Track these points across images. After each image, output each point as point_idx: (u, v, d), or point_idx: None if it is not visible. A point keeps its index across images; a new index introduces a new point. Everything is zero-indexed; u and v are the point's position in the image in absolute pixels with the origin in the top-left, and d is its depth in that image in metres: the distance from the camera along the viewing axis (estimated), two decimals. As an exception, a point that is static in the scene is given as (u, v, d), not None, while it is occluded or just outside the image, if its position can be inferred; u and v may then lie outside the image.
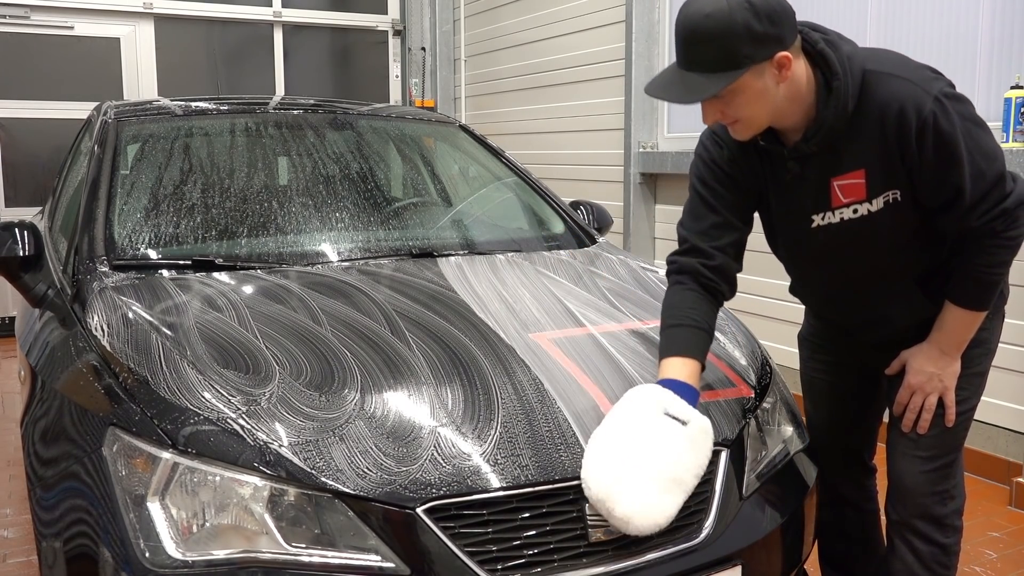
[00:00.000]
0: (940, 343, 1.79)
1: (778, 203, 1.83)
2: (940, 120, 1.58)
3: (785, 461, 1.97)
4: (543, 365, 1.83)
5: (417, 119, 3.38)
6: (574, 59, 5.76)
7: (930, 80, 1.61)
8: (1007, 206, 1.63)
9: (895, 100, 1.60)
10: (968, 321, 1.75)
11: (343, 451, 1.55)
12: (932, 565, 1.87)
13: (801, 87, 1.64)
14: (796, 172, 1.74)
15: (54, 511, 1.68)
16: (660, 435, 1.61)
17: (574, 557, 1.56)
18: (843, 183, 1.70)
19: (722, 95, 1.60)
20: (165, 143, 2.79)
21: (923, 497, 1.85)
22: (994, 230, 1.65)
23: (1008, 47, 3.38)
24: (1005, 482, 3.37)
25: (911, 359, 1.83)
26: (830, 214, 1.74)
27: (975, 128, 1.62)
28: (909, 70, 1.63)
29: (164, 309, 1.97)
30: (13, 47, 6.11)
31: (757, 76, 1.58)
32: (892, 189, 1.68)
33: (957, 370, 1.80)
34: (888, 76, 1.62)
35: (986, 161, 1.62)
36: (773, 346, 4.19)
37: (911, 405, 1.83)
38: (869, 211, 1.71)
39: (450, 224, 2.99)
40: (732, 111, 1.63)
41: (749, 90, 1.59)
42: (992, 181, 1.62)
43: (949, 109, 1.59)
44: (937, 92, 1.59)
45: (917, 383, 1.81)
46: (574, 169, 5.83)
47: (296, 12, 7.02)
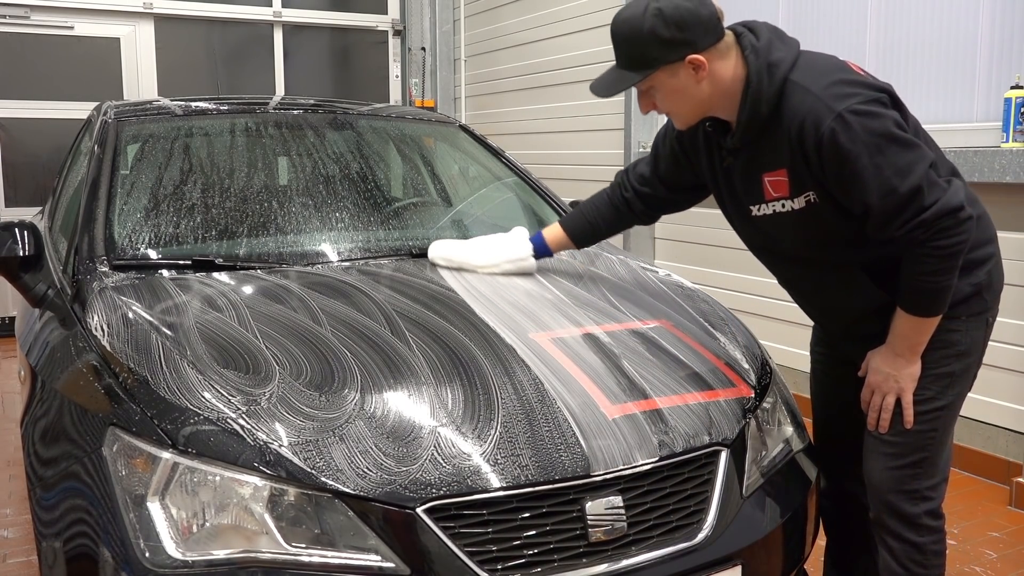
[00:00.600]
0: (894, 346, 1.81)
1: (723, 185, 1.94)
2: (839, 136, 1.63)
3: (785, 461, 1.97)
4: (543, 365, 1.83)
5: (417, 119, 3.38)
6: (574, 59, 5.76)
7: (841, 97, 1.65)
8: (925, 218, 1.64)
9: (799, 114, 1.68)
10: (918, 326, 1.76)
11: (343, 451, 1.55)
12: (907, 563, 1.88)
13: (726, 84, 1.76)
14: (729, 161, 1.88)
15: (54, 511, 1.68)
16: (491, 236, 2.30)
17: (574, 557, 1.56)
18: (771, 179, 1.80)
19: (645, 90, 1.81)
20: (165, 143, 2.79)
21: (890, 494, 1.87)
22: (916, 239, 1.66)
23: (1008, 47, 3.38)
24: (1005, 482, 3.37)
25: (871, 359, 1.87)
26: (764, 206, 1.85)
27: (887, 144, 1.63)
28: (824, 85, 1.67)
29: (164, 309, 1.97)
30: (13, 47, 6.11)
31: (671, 75, 1.75)
32: (808, 191, 1.76)
33: (915, 372, 1.81)
34: (801, 89, 1.69)
35: (898, 177, 1.63)
36: (773, 346, 4.19)
37: (872, 404, 1.87)
38: (793, 208, 1.80)
39: (450, 224, 2.99)
40: (660, 104, 1.83)
41: (666, 87, 1.77)
42: (906, 196, 1.63)
43: (852, 126, 1.62)
44: (842, 108, 1.63)
45: (875, 382, 1.85)
46: (574, 169, 5.83)
47: (296, 12, 7.02)
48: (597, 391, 1.77)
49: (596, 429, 1.67)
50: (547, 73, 6.08)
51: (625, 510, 1.62)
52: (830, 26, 4.01)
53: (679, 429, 1.74)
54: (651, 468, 1.66)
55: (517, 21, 6.40)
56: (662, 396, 1.81)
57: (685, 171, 2.06)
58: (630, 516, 1.62)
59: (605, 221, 2.25)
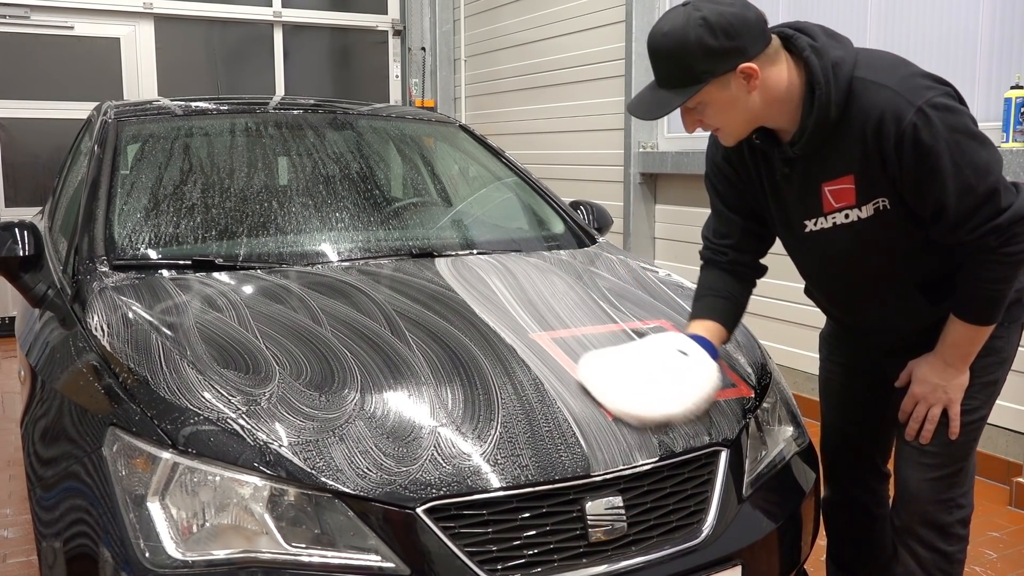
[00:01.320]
0: (945, 356, 1.75)
1: (774, 203, 1.84)
2: (921, 132, 1.54)
3: (785, 461, 1.97)
4: (543, 365, 1.83)
5: (417, 119, 3.38)
6: (574, 59, 5.76)
7: (918, 89, 1.57)
8: (1000, 223, 1.57)
9: (876, 109, 1.58)
10: (972, 335, 1.71)
11: (343, 451, 1.55)
12: (934, 572, 1.86)
13: (780, 92, 1.64)
14: (785, 173, 1.75)
15: (54, 511, 1.68)
16: (662, 357, 1.79)
17: (574, 557, 1.56)
18: (833, 188, 1.69)
19: (693, 107, 1.66)
20: (165, 143, 2.79)
21: (927, 504, 1.83)
22: (988, 246, 1.60)
23: (1008, 47, 3.38)
24: (1005, 482, 3.37)
25: (916, 369, 1.81)
26: (823, 219, 1.74)
27: (966, 140, 1.56)
28: (898, 78, 1.59)
29: (164, 309, 1.97)
30: (13, 47, 6.11)
31: (722, 88, 1.61)
32: (880, 197, 1.66)
33: (964, 382, 1.76)
34: (874, 84, 1.59)
35: (976, 176, 1.56)
36: (774, 346, 4.20)
37: (915, 415, 1.81)
38: (860, 217, 1.70)
39: (450, 224, 2.99)
40: (708, 120, 1.68)
41: (717, 101, 1.63)
42: (983, 196, 1.57)
43: (933, 120, 1.54)
44: (922, 102, 1.55)
45: (921, 393, 1.79)
46: (574, 169, 5.83)
47: (296, 12, 7.02)
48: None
49: (596, 429, 1.67)
50: (547, 73, 6.08)
51: (625, 510, 1.61)
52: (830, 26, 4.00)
53: (679, 429, 1.74)
54: (651, 468, 1.66)
55: (517, 21, 6.40)
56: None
57: (746, 195, 1.90)
58: (630, 516, 1.62)
59: (736, 290, 1.95)
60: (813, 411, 3.97)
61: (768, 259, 2.11)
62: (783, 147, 1.71)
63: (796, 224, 1.80)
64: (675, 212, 5.05)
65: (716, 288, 1.95)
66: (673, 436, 1.72)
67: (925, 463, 1.82)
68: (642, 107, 1.69)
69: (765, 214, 1.90)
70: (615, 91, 5.34)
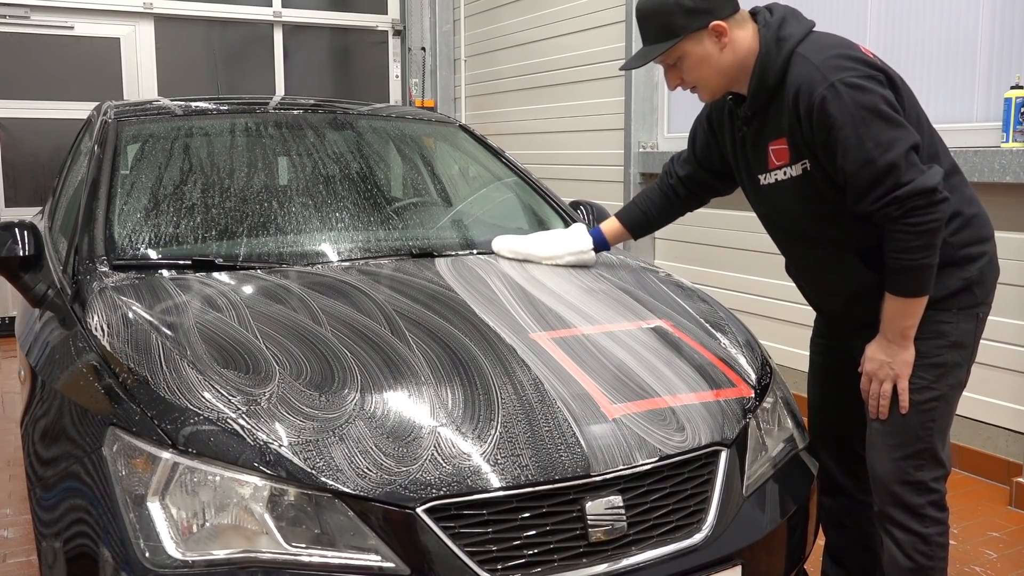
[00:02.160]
0: (886, 332, 1.87)
1: (740, 159, 2.04)
2: (828, 104, 1.73)
3: (785, 460, 1.97)
4: (543, 365, 1.83)
5: (417, 119, 3.38)
6: (574, 59, 5.76)
7: (838, 69, 1.75)
8: (899, 195, 1.71)
9: (797, 81, 1.79)
10: (902, 309, 1.82)
11: (343, 451, 1.55)
12: (913, 554, 1.91)
13: (744, 55, 1.87)
14: (743, 132, 1.98)
15: (54, 511, 1.68)
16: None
17: (574, 557, 1.56)
18: (775, 147, 1.90)
19: (672, 63, 1.91)
20: (165, 143, 2.79)
21: (895, 484, 1.90)
22: (890, 216, 1.74)
23: (1008, 47, 3.38)
24: (1005, 482, 3.37)
25: (867, 348, 1.92)
26: (769, 175, 1.95)
27: (872, 117, 1.72)
28: (824, 57, 1.78)
29: (164, 309, 1.97)
30: (13, 47, 6.11)
31: (695, 43, 1.86)
32: (803, 159, 1.86)
33: (908, 359, 1.87)
34: (804, 60, 1.80)
35: (877, 150, 1.72)
36: (773, 346, 4.19)
37: (871, 392, 1.92)
38: (791, 175, 1.89)
39: (450, 224, 2.99)
40: (687, 76, 1.92)
41: (691, 56, 1.88)
42: (883, 170, 1.72)
43: (843, 95, 1.73)
44: (836, 79, 1.74)
45: (872, 370, 1.91)
46: (574, 169, 5.83)
47: (296, 12, 7.02)
48: (597, 391, 1.77)
49: (596, 429, 1.67)
50: (547, 73, 6.08)
51: (625, 510, 1.62)
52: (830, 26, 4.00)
53: (679, 429, 1.74)
54: (651, 468, 1.66)
55: (517, 21, 6.40)
56: (662, 396, 1.81)
57: (715, 151, 2.16)
58: (630, 516, 1.62)
59: (657, 209, 2.34)
60: (813, 411, 3.97)
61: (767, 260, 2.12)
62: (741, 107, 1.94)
63: (753, 179, 2.01)
64: (675, 212, 5.05)
65: (643, 202, 2.37)
66: (673, 436, 1.72)
67: (887, 444, 1.91)
68: (631, 60, 1.99)
69: (735, 172, 2.13)
70: (615, 91, 5.34)
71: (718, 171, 2.20)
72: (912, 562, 1.91)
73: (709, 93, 1.95)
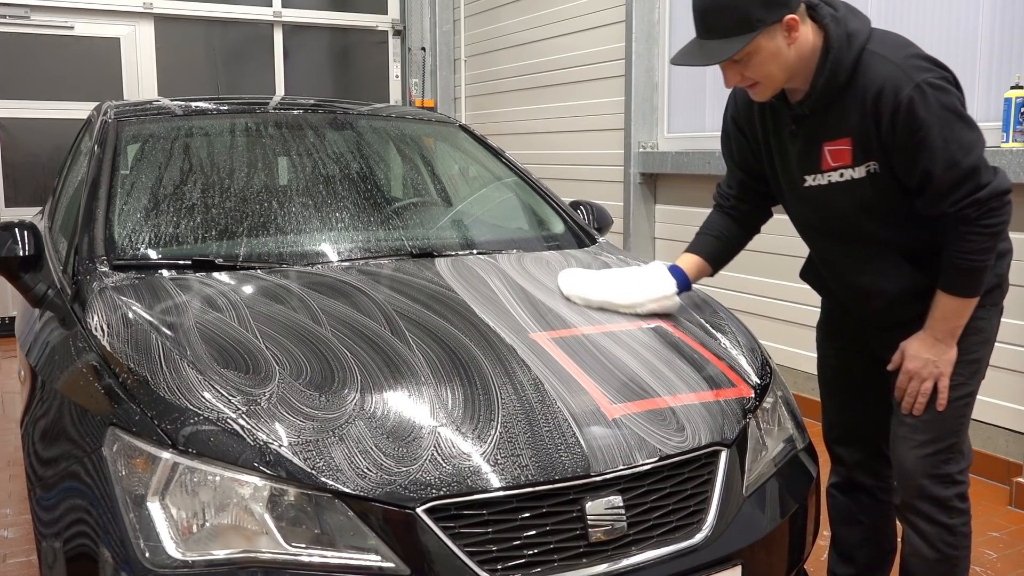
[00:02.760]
0: (934, 330, 1.86)
1: (778, 157, 1.98)
2: (916, 105, 1.70)
3: (785, 461, 1.97)
4: (543, 365, 1.83)
5: (417, 119, 3.38)
6: (574, 59, 5.76)
7: (918, 68, 1.72)
8: (980, 196, 1.72)
9: (879, 80, 1.74)
10: (957, 308, 1.82)
11: (343, 451, 1.55)
12: (939, 545, 1.92)
13: (807, 50, 1.79)
14: (792, 129, 1.90)
15: (54, 511, 1.68)
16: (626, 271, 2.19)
17: (574, 557, 1.56)
18: (832, 148, 1.84)
19: (739, 58, 1.77)
20: (165, 143, 2.79)
21: (923, 478, 1.90)
22: (968, 217, 1.73)
23: (1008, 47, 3.38)
24: (1005, 482, 3.37)
25: (908, 347, 1.90)
26: (820, 176, 1.88)
27: (955, 119, 1.71)
28: (902, 56, 1.74)
29: (164, 309, 1.97)
30: (13, 47, 6.11)
31: (770, 38, 1.74)
32: (871, 160, 1.81)
33: (953, 357, 1.87)
34: (881, 58, 1.75)
35: (961, 152, 1.71)
36: (773, 346, 4.19)
37: (909, 390, 1.90)
38: (852, 177, 1.84)
39: (450, 224, 2.99)
40: (750, 73, 1.79)
41: (763, 51, 1.75)
42: (966, 172, 1.71)
43: (929, 97, 1.70)
44: (920, 80, 1.70)
45: (914, 368, 1.89)
46: (574, 169, 5.83)
47: (296, 12, 7.02)
48: (597, 391, 1.77)
49: (596, 429, 1.67)
50: (547, 73, 6.08)
51: (625, 510, 1.62)
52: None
53: (679, 429, 1.74)
54: (651, 468, 1.66)
55: (517, 21, 6.39)
56: (662, 396, 1.81)
57: (749, 154, 2.08)
58: (630, 516, 1.62)
59: (729, 231, 2.18)
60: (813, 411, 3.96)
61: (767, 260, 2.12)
62: (794, 105, 1.86)
63: (797, 179, 1.93)
64: (675, 212, 5.05)
65: (712, 228, 2.19)
66: (673, 436, 1.72)
67: (918, 439, 1.91)
68: (694, 57, 1.79)
69: (767, 172, 2.05)
70: (615, 91, 5.34)
71: (762, 175, 2.09)
72: (938, 553, 1.92)
73: (769, 92, 1.84)
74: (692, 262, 2.16)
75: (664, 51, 5.07)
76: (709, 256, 2.17)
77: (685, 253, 2.19)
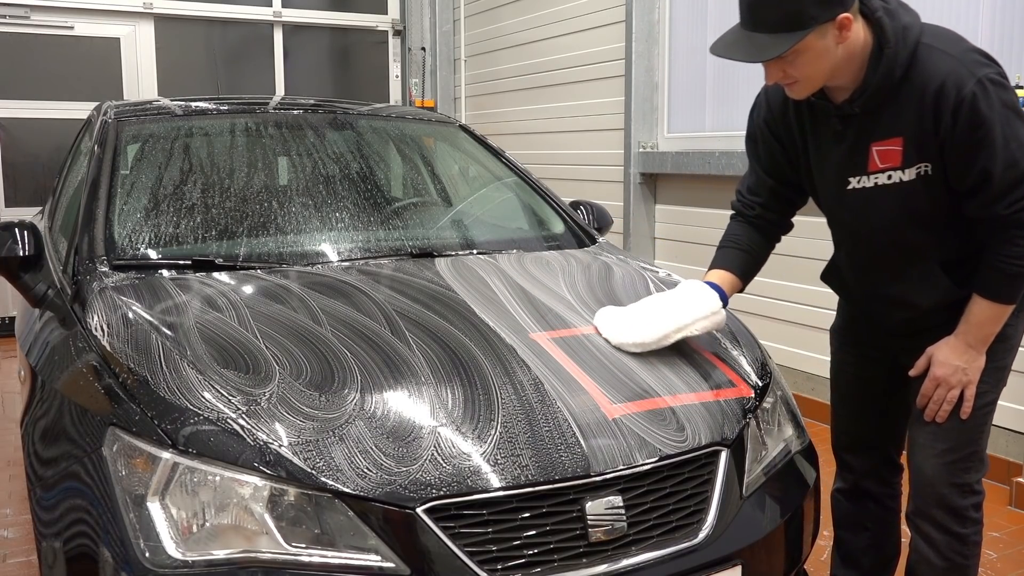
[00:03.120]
0: (967, 336, 1.81)
1: (817, 158, 1.89)
2: (979, 101, 1.62)
3: (785, 461, 1.97)
4: (543, 365, 1.83)
5: (417, 119, 3.38)
6: (574, 59, 5.76)
7: (978, 63, 1.65)
8: None
9: (939, 75, 1.66)
10: (994, 314, 1.78)
11: (343, 451, 1.55)
12: (949, 554, 1.90)
13: (856, 48, 1.70)
14: (838, 130, 1.81)
15: (54, 511, 1.68)
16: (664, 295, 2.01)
17: (574, 557, 1.56)
18: (881, 148, 1.76)
19: (786, 55, 1.67)
20: (165, 143, 2.79)
21: (942, 487, 1.87)
22: (1021, 221, 1.68)
23: (1008, 47, 3.37)
24: (1005, 482, 3.37)
25: (937, 352, 1.85)
26: (865, 178, 1.80)
27: (1015, 118, 1.65)
28: (961, 50, 1.68)
29: (164, 309, 1.97)
30: (13, 47, 6.11)
31: (820, 36, 1.65)
32: (925, 161, 1.73)
33: (982, 365, 1.82)
34: (939, 52, 1.68)
35: (1021, 151, 1.65)
36: (773, 346, 4.19)
37: (935, 397, 1.86)
38: (902, 179, 1.76)
39: (450, 224, 2.99)
40: (794, 70, 1.71)
41: (812, 50, 1.67)
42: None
43: (991, 93, 1.63)
44: (982, 75, 1.63)
45: (942, 375, 1.84)
46: (574, 169, 5.83)
47: (296, 12, 7.02)
48: (597, 391, 1.77)
49: (596, 429, 1.67)
50: (547, 73, 6.08)
51: (625, 510, 1.61)
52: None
53: (679, 429, 1.74)
54: (651, 468, 1.66)
55: (517, 21, 6.39)
56: (662, 396, 1.81)
57: (781, 159, 1.99)
58: (630, 516, 1.62)
59: (756, 243, 2.07)
60: (813, 411, 3.97)
61: (769, 260, 2.11)
62: (842, 104, 1.77)
63: (839, 182, 1.85)
64: (675, 212, 5.05)
65: (738, 240, 2.07)
66: (673, 436, 1.72)
67: (939, 447, 1.87)
68: (739, 50, 1.70)
69: (801, 175, 1.97)
70: (615, 91, 5.34)
71: (793, 181, 2.02)
72: (948, 562, 1.90)
73: (807, 91, 1.76)
74: (725, 279, 2.04)
75: (664, 51, 5.07)
76: (740, 271, 2.05)
77: (715, 269, 2.07)
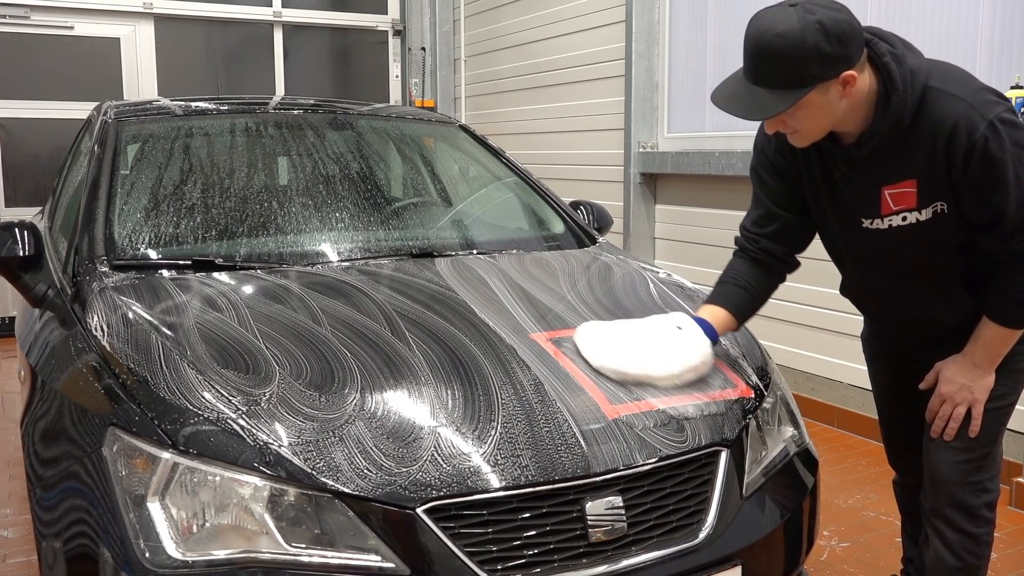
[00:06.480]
0: (975, 357, 1.82)
1: (827, 199, 1.87)
2: (990, 144, 1.61)
3: (785, 461, 1.97)
4: (543, 365, 1.83)
5: (417, 119, 3.38)
6: (574, 59, 5.76)
7: (989, 104, 1.63)
8: None
9: (950, 119, 1.63)
10: (1004, 337, 1.78)
11: (343, 451, 1.55)
12: (961, 553, 1.91)
13: (862, 97, 1.68)
14: (843, 173, 1.79)
15: (54, 511, 1.68)
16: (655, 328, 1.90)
17: (574, 557, 1.56)
18: (894, 192, 1.74)
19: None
20: (165, 143, 2.79)
21: (955, 486, 1.89)
22: None
23: (1008, 47, 3.37)
24: (1005, 482, 3.36)
25: (945, 369, 1.87)
26: (879, 220, 1.79)
27: None
28: (970, 91, 1.65)
29: (164, 309, 1.97)
30: (13, 47, 6.11)
31: (822, 93, 1.63)
32: (939, 200, 1.72)
33: (990, 384, 1.83)
34: (948, 95, 1.65)
35: None
36: (774, 346, 4.19)
37: (941, 413, 1.87)
38: (918, 219, 1.75)
39: (450, 224, 2.99)
40: (794, 123, 1.69)
41: (813, 106, 1.64)
42: None
43: (1002, 134, 1.61)
44: (993, 116, 1.61)
45: (948, 392, 1.85)
46: (574, 169, 5.83)
47: (296, 12, 7.02)
48: (597, 391, 1.77)
49: (596, 429, 1.67)
50: (547, 73, 6.08)
51: (625, 510, 1.62)
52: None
53: (679, 429, 1.74)
54: (651, 468, 1.66)
55: (517, 21, 6.39)
56: (662, 396, 1.81)
57: (791, 191, 1.94)
58: (630, 516, 1.62)
59: (757, 280, 2.00)
60: (813, 411, 3.97)
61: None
62: (848, 149, 1.75)
63: (851, 221, 1.84)
64: (675, 212, 5.05)
65: (736, 276, 2.01)
66: (673, 436, 1.72)
67: (953, 447, 1.88)
68: (739, 105, 1.67)
69: (812, 211, 1.94)
70: (615, 91, 5.34)
71: (799, 210, 1.96)
72: (960, 561, 1.91)
73: (809, 140, 1.74)
74: (718, 316, 1.97)
75: (664, 51, 5.07)
76: (736, 309, 1.98)
77: (709, 304, 2.00)
